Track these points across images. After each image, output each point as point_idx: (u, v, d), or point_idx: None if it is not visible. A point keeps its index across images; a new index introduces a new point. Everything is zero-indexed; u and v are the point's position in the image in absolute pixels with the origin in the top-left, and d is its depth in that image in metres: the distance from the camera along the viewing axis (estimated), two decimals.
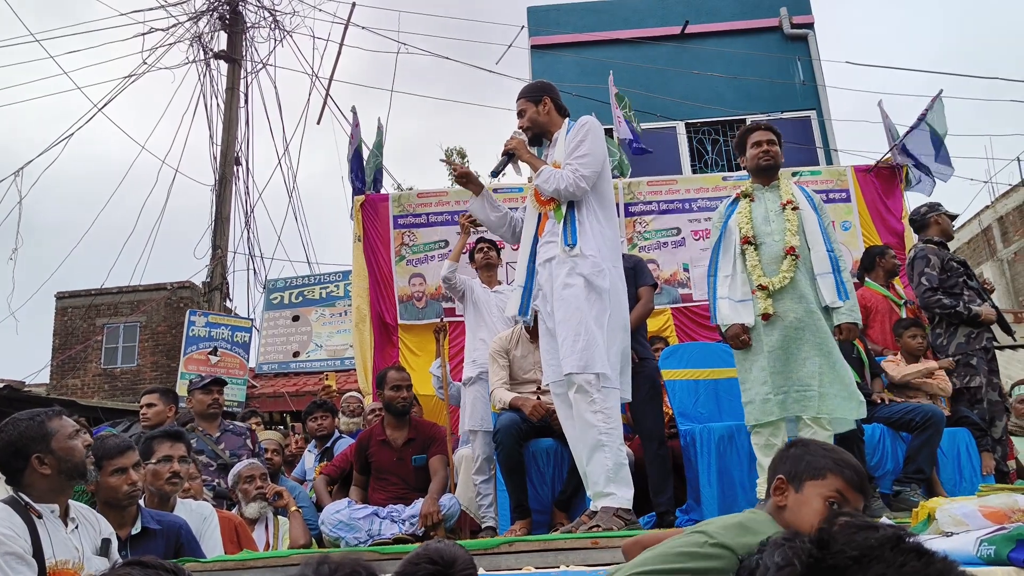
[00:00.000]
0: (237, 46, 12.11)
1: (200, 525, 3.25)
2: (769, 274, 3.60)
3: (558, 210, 3.57)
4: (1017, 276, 15.99)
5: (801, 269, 3.60)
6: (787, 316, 3.55)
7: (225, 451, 4.45)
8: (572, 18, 10.56)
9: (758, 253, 3.66)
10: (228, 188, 11.39)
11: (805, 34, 10.34)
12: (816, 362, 3.48)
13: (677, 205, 6.82)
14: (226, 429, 4.59)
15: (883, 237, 6.62)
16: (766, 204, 3.76)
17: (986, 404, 4.73)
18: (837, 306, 3.55)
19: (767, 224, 3.70)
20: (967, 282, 4.89)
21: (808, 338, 3.52)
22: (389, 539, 3.96)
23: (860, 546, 0.89)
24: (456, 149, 22.48)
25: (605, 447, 3.31)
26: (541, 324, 3.65)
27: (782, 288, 3.57)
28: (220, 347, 9.49)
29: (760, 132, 3.86)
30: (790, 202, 3.69)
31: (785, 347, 3.52)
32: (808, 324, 3.53)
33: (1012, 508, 2.26)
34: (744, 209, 3.77)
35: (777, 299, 3.57)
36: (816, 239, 3.62)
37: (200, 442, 4.43)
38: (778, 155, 3.82)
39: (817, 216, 3.69)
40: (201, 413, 4.59)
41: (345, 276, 11.80)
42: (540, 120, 3.74)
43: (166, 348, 16.59)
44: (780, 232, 3.65)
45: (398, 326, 6.57)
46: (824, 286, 3.55)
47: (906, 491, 4.02)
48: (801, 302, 3.55)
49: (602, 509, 3.26)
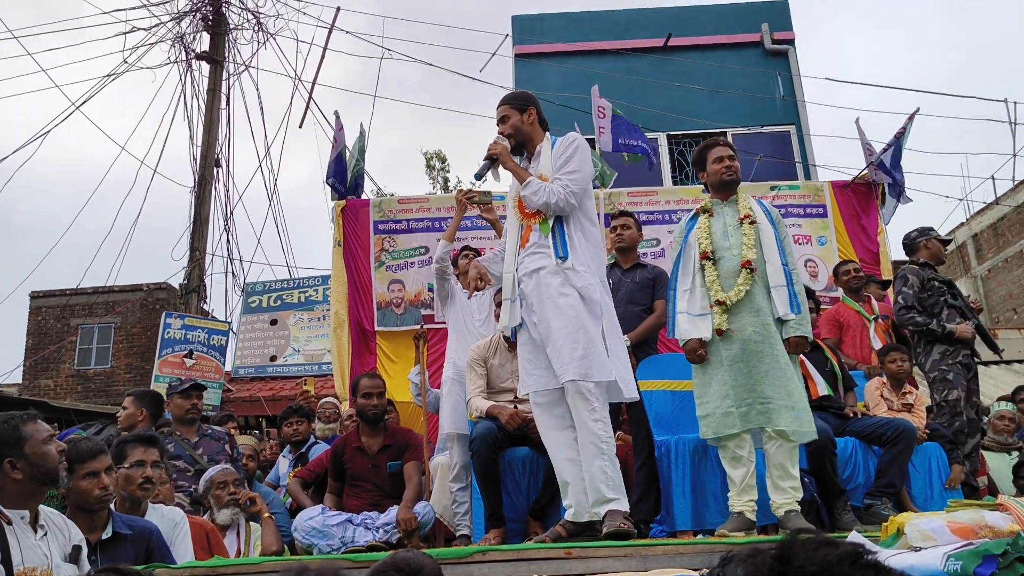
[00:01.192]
0: (220, 47, 12.05)
1: (171, 531, 3.22)
2: (727, 288, 3.64)
3: (544, 223, 3.56)
4: (991, 293, 16.23)
5: (758, 283, 3.64)
6: (745, 330, 3.58)
7: (203, 456, 4.41)
8: (556, 28, 10.62)
9: (716, 268, 3.70)
10: (208, 190, 11.31)
11: (786, 50, 10.47)
12: (775, 375, 3.51)
13: (657, 216, 6.87)
14: (204, 434, 4.56)
15: (858, 252, 6.70)
16: (725, 219, 3.80)
17: (966, 419, 4.81)
18: (789, 318, 3.60)
19: (726, 239, 3.74)
20: (948, 301, 4.99)
21: (767, 351, 3.55)
22: (363, 546, 3.94)
23: (820, 562, 0.91)
24: (436, 153, 22.48)
25: (605, 455, 3.34)
26: (523, 334, 3.61)
27: (739, 302, 3.60)
28: (196, 350, 9.41)
29: (720, 148, 3.92)
30: (748, 216, 3.74)
31: (745, 360, 3.55)
32: (765, 337, 3.57)
33: (979, 524, 2.30)
34: (703, 224, 3.82)
35: (734, 313, 3.61)
36: (772, 253, 3.67)
37: (178, 447, 4.39)
38: (738, 171, 3.88)
39: (774, 230, 3.73)
40: (179, 418, 4.55)
41: (324, 281, 11.75)
42: (524, 129, 3.70)
43: (141, 350, 16.43)
44: (738, 247, 3.69)
45: (376, 332, 6.56)
46: (778, 298, 3.60)
47: (877, 504, 4.07)
48: (758, 315, 3.60)
49: (610, 513, 3.28)
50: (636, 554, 2.64)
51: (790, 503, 3.49)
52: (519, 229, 3.67)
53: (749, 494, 3.59)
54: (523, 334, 3.61)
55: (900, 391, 4.82)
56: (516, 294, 3.58)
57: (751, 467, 3.62)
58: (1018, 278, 15.39)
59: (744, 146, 9.74)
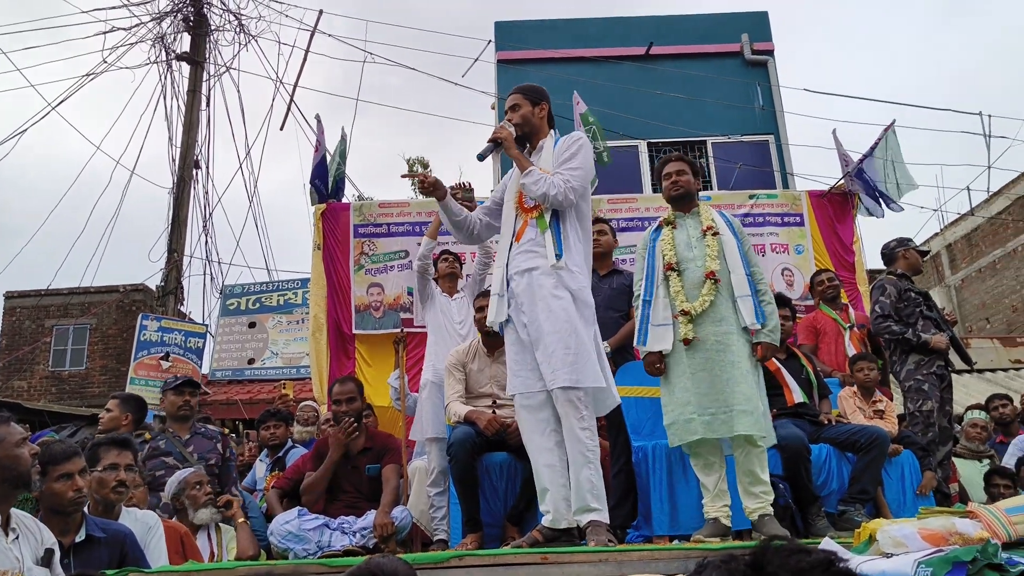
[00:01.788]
0: (200, 48, 11.98)
1: (145, 534, 3.20)
2: (691, 299, 3.68)
3: (541, 219, 3.50)
4: (964, 302, 16.45)
5: (722, 292, 3.68)
6: (708, 339, 3.62)
7: (193, 454, 4.39)
8: (539, 35, 10.65)
9: (681, 279, 3.74)
10: (186, 191, 11.24)
11: (765, 60, 10.56)
12: (735, 382, 3.54)
13: (637, 223, 6.90)
14: (197, 432, 4.53)
15: (834, 261, 6.78)
16: (688, 231, 3.84)
17: (938, 428, 4.88)
18: (756, 328, 3.64)
19: (689, 250, 3.78)
20: (924, 312, 5.06)
21: (728, 359, 3.58)
22: (339, 551, 3.92)
23: (792, 568, 0.92)
24: (418, 159, 22.50)
25: (592, 464, 3.31)
26: (511, 334, 3.56)
27: (704, 313, 3.64)
28: (172, 352, 9.32)
29: (671, 164, 3.97)
30: (710, 228, 3.78)
31: (708, 368, 3.58)
32: (727, 346, 3.60)
33: (950, 531, 2.33)
34: (667, 236, 3.86)
35: (698, 323, 3.65)
36: (736, 263, 3.70)
37: (169, 443, 4.38)
38: (689, 184, 3.90)
39: (737, 241, 3.77)
40: (172, 414, 4.55)
41: (304, 284, 11.70)
42: (533, 121, 3.66)
43: (116, 352, 16.27)
44: (702, 258, 3.73)
45: (354, 335, 6.54)
46: (743, 308, 3.63)
47: (851, 511, 4.11)
48: (721, 324, 3.63)
49: (593, 524, 3.25)
50: (612, 559, 2.66)
51: (763, 507, 3.52)
52: (514, 223, 3.62)
53: (723, 499, 3.62)
54: (510, 333, 3.55)
55: (870, 399, 4.90)
56: (505, 290, 3.53)
57: (722, 472, 3.67)
58: (991, 288, 15.61)
59: (724, 155, 9.82)
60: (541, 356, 3.36)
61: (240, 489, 4.65)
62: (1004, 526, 2.32)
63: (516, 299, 3.49)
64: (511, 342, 3.56)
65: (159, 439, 4.41)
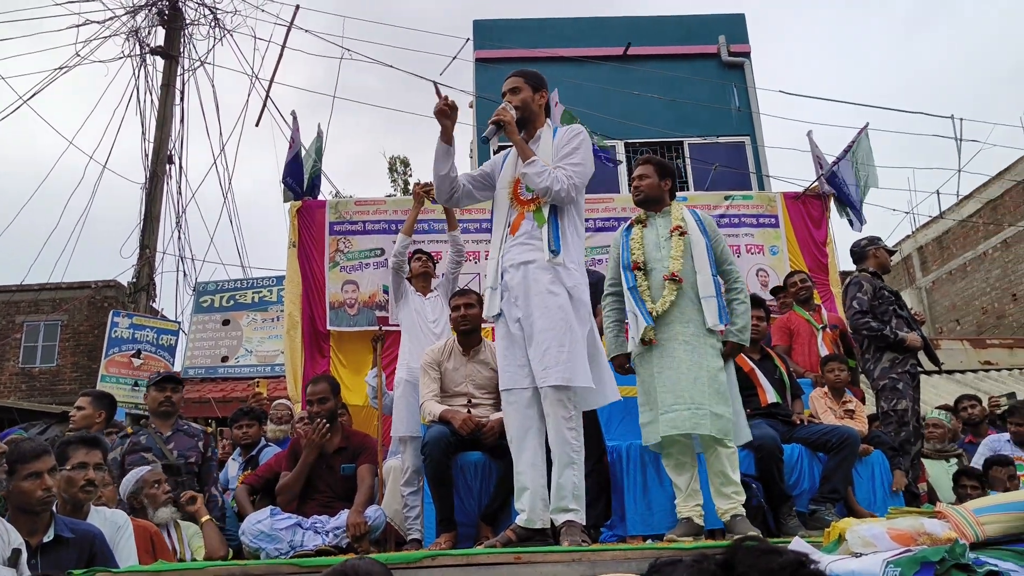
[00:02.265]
0: (175, 42, 11.84)
1: (114, 534, 3.16)
2: (655, 299, 3.67)
3: (539, 213, 3.41)
4: (935, 304, 16.67)
5: (687, 293, 3.66)
6: (677, 338, 3.60)
7: (173, 451, 4.34)
8: (517, 34, 10.65)
9: (648, 279, 3.73)
10: (159, 187, 11.10)
11: (742, 62, 10.64)
12: (703, 382, 3.53)
13: (613, 223, 6.93)
14: (179, 429, 4.49)
15: (808, 262, 6.85)
16: (657, 230, 3.82)
17: (912, 427, 4.93)
18: (718, 329, 3.63)
19: (658, 250, 3.76)
20: (896, 311, 5.10)
21: (696, 360, 3.57)
22: (311, 551, 3.89)
23: (763, 569, 0.92)
24: (399, 158, 22.43)
25: (575, 465, 3.27)
26: (501, 327, 3.47)
27: (670, 312, 3.62)
28: (144, 350, 9.22)
29: (639, 167, 3.96)
30: (678, 228, 3.76)
31: (676, 367, 3.56)
32: (695, 347, 3.59)
33: (918, 531, 2.35)
34: (637, 235, 3.85)
35: (665, 323, 3.63)
36: (703, 264, 3.68)
37: (150, 439, 4.35)
38: (650, 187, 3.87)
39: (706, 241, 3.75)
40: (154, 410, 4.52)
41: (279, 281, 11.62)
42: (532, 108, 3.55)
43: (87, 349, 16.06)
44: (668, 259, 3.72)
45: (329, 332, 6.51)
46: (707, 309, 3.61)
47: (821, 510, 4.15)
48: (688, 325, 3.62)
49: (569, 524, 3.21)
50: (585, 559, 2.66)
51: (735, 508, 3.53)
52: (508, 214, 3.52)
53: (695, 499, 3.63)
54: (500, 326, 3.47)
55: (840, 400, 4.95)
56: (498, 283, 3.45)
57: (694, 472, 3.67)
58: (961, 290, 15.84)
59: (700, 155, 9.88)
60: (534, 352, 3.30)
61: (219, 489, 4.61)
62: (972, 526, 2.34)
63: (510, 292, 3.41)
64: (501, 336, 3.48)
65: (140, 434, 4.39)
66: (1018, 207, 14.22)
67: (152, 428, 4.44)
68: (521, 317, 3.36)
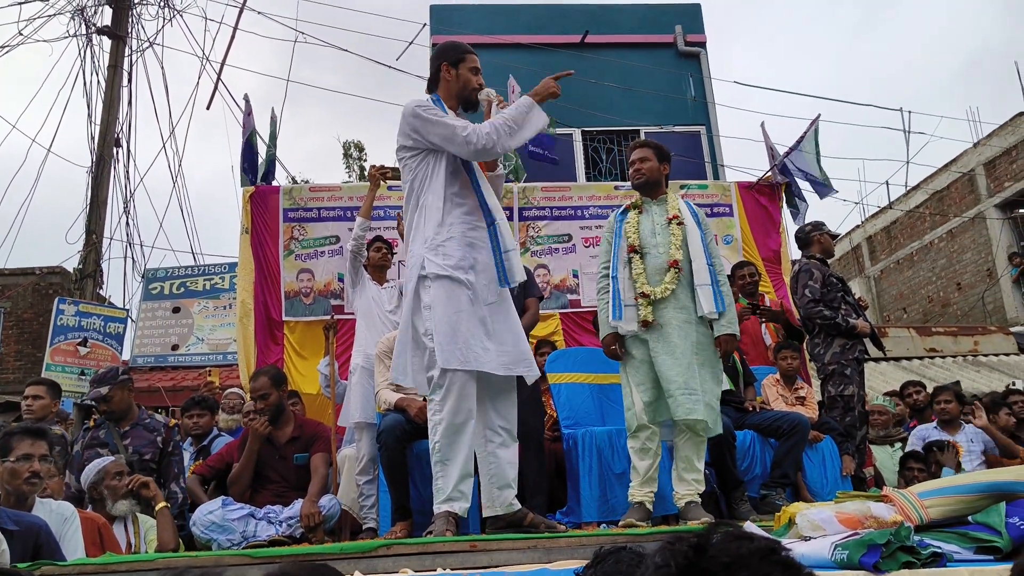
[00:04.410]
0: (122, 22, 11.51)
1: (60, 526, 3.08)
2: (652, 284, 3.71)
3: None
4: (883, 292, 17.05)
5: (683, 282, 3.73)
6: (670, 324, 3.66)
7: (128, 447, 4.23)
8: (474, 19, 10.58)
9: (643, 262, 3.78)
10: (106, 171, 10.81)
11: (697, 52, 10.72)
12: (695, 369, 3.60)
13: (569, 212, 6.93)
14: (139, 423, 4.37)
15: (761, 251, 6.94)
16: (653, 217, 3.88)
17: (857, 412, 5.04)
18: (713, 316, 3.69)
19: (653, 236, 3.82)
20: (844, 297, 5.20)
21: (690, 347, 3.63)
22: (264, 541, 3.85)
23: (733, 554, 0.93)
24: (354, 143, 22.16)
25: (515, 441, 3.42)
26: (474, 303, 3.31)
27: (665, 298, 3.68)
28: (91, 338, 8.99)
29: (637, 150, 4.01)
30: (676, 217, 3.82)
31: (671, 352, 3.62)
32: (688, 333, 3.65)
33: (865, 515, 2.40)
34: (633, 220, 3.89)
35: (660, 308, 3.69)
36: (698, 252, 3.75)
37: (108, 434, 4.26)
38: (651, 171, 3.93)
39: (700, 231, 3.83)
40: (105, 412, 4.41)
41: (232, 268, 11.41)
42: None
43: (32, 336, 15.61)
44: (665, 245, 3.78)
45: (284, 322, 6.41)
46: (703, 296, 3.68)
47: (772, 495, 4.23)
48: (682, 312, 3.68)
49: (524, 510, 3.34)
50: (540, 546, 2.67)
51: (692, 495, 3.59)
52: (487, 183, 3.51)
53: (651, 486, 3.68)
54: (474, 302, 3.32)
55: (792, 387, 5.05)
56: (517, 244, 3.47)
57: (657, 460, 3.72)
58: (908, 279, 16.23)
59: None
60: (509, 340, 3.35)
61: (183, 485, 4.49)
62: (916, 509, 2.40)
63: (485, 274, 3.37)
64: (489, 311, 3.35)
65: (101, 428, 4.30)
66: (963, 199, 14.59)
67: (112, 423, 4.34)
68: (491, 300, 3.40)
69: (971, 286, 14.44)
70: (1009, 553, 2.16)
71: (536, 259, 6.73)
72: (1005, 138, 13.61)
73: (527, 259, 6.62)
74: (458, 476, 3.17)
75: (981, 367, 11.01)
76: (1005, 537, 2.19)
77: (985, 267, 14.09)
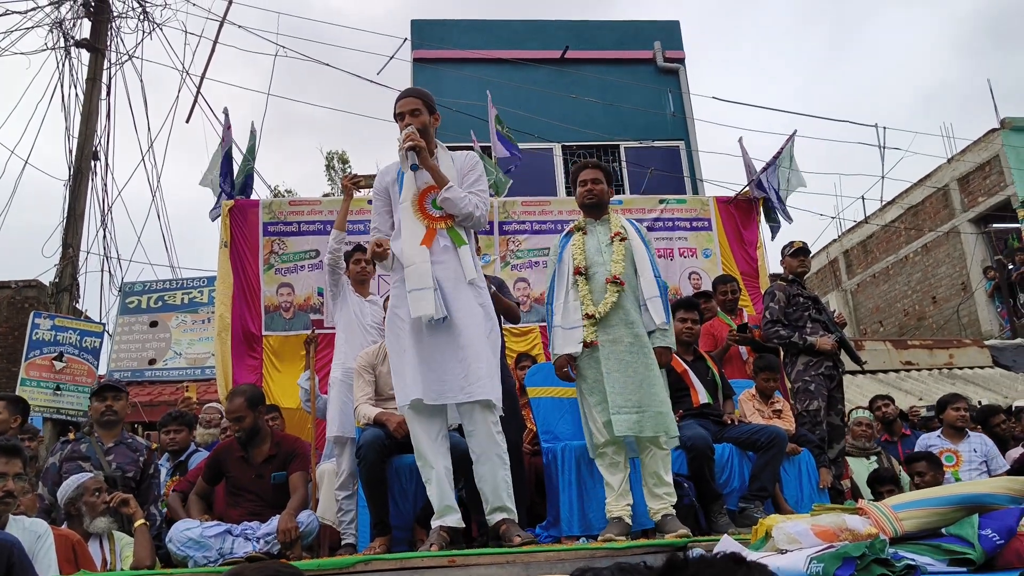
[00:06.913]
0: (102, 35, 11.45)
1: (34, 543, 3.05)
2: (597, 302, 3.77)
3: (454, 231, 3.53)
4: (859, 306, 17.22)
5: (628, 296, 3.78)
6: (621, 341, 3.71)
7: (111, 463, 4.20)
8: (455, 34, 10.63)
9: (588, 283, 3.83)
10: (84, 184, 10.72)
11: (677, 68, 10.83)
12: (648, 384, 3.65)
13: (550, 226, 6.96)
14: (123, 441, 4.36)
15: (740, 265, 7.01)
16: (598, 237, 3.95)
17: (826, 427, 5.11)
18: (664, 328, 3.75)
19: (599, 255, 3.87)
20: (813, 315, 5.32)
21: (640, 360, 3.69)
22: (241, 558, 3.81)
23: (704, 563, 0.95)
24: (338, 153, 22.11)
25: (507, 465, 3.47)
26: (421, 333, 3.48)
27: (612, 315, 3.73)
28: (66, 352, 8.88)
29: (587, 171, 4.06)
30: (618, 234, 3.89)
31: (623, 369, 3.67)
32: (640, 347, 3.71)
33: (840, 527, 2.42)
34: (577, 241, 3.95)
35: (607, 326, 3.74)
36: (645, 267, 3.81)
37: (90, 448, 4.24)
38: (603, 192, 4.01)
39: (646, 246, 3.89)
40: (97, 420, 4.40)
41: (210, 282, 11.33)
42: (430, 131, 3.65)
43: (7, 351, 15.39)
44: (609, 263, 3.83)
45: (263, 336, 6.37)
46: (653, 309, 3.75)
47: (750, 508, 4.25)
48: (631, 328, 3.74)
49: (508, 524, 3.40)
50: (519, 560, 2.67)
51: (666, 508, 3.62)
52: (415, 227, 3.53)
53: (626, 499, 3.72)
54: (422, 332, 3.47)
55: (768, 400, 5.12)
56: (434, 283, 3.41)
57: (627, 473, 3.77)
58: (884, 293, 16.40)
59: (635, 159, 10.02)
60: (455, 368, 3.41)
61: (159, 508, 4.45)
62: (891, 522, 2.42)
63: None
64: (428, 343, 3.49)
65: (82, 442, 4.28)
66: (938, 213, 14.79)
67: (95, 437, 4.32)
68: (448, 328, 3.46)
69: (946, 299, 14.62)
70: (981, 565, 2.19)
71: (516, 273, 6.75)
72: (978, 154, 13.84)
73: (507, 273, 6.64)
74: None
75: (956, 380, 11.13)
76: (978, 549, 2.22)
77: (960, 281, 14.28)
